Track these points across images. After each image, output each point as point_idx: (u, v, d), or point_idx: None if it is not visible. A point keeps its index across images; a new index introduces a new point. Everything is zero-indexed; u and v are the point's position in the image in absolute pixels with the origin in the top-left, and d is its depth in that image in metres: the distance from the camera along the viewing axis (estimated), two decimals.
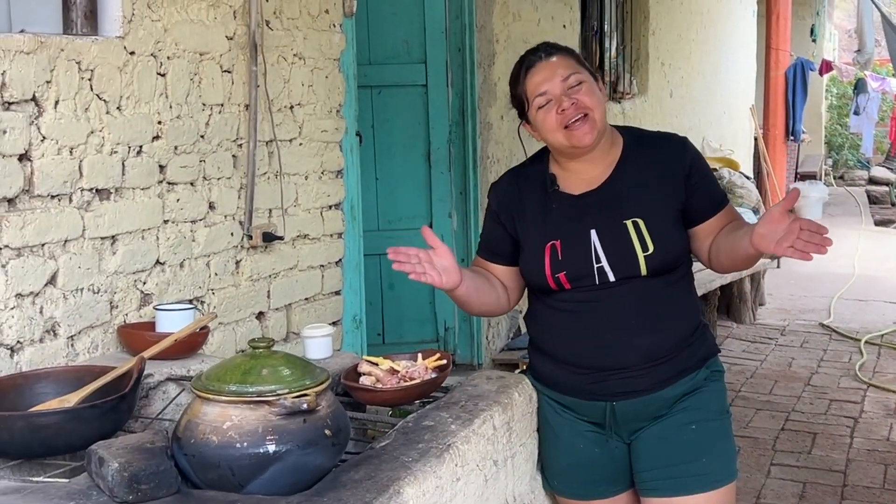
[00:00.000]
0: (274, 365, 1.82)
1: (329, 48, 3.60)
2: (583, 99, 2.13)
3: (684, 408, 2.22)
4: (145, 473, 1.70)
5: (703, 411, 2.22)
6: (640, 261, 2.14)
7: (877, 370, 6.07)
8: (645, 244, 2.14)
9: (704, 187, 2.21)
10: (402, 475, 1.78)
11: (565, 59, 2.17)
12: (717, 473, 2.21)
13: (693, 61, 9.25)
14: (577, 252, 2.17)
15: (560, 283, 2.19)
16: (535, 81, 2.16)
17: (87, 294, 2.60)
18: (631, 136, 2.28)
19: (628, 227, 2.15)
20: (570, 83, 2.14)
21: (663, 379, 2.19)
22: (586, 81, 2.15)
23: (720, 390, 2.29)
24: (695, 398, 2.22)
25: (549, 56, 2.17)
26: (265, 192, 3.29)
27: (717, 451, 2.22)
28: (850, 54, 16.98)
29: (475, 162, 5.03)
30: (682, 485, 2.19)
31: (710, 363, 2.27)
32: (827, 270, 9.43)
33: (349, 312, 3.82)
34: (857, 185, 15.97)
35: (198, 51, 2.97)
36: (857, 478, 4.28)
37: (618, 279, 2.15)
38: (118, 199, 2.70)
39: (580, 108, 2.12)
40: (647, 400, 2.20)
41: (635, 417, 2.23)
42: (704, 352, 2.26)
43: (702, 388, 2.24)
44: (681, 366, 2.21)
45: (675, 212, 2.19)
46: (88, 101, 2.59)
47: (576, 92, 2.13)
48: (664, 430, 2.22)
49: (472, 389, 2.27)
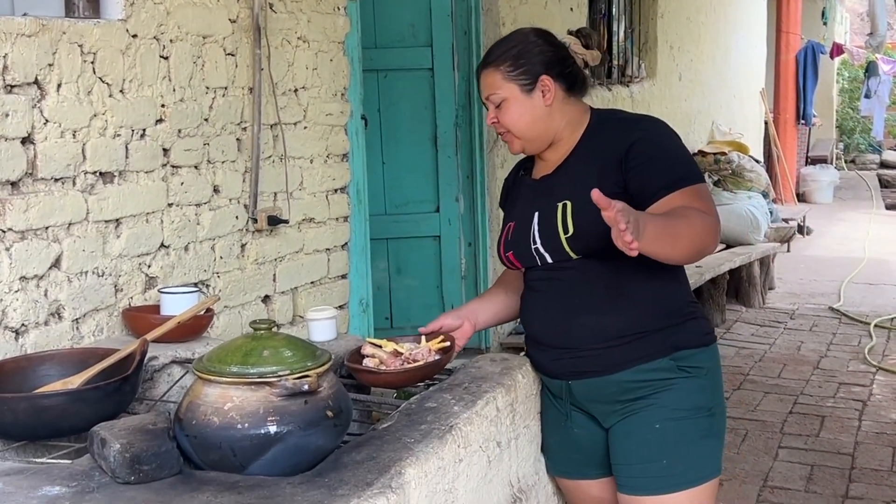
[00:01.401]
0: (275, 346, 1.82)
1: (333, 31, 3.59)
2: (503, 118, 2.18)
3: (650, 405, 2.14)
4: (147, 454, 1.70)
5: (669, 410, 2.13)
6: (562, 242, 2.12)
7: (886, 353, 6.05)
8: (566, 226, 2.10)
9: (643, 171, 2.07)
10: (403, 456, 1.77)
11: (491, 75, 2.18)
12: (681, 476, 2.13)
13: (702, 44, 9.20)
14: (522, 234, 2.22)
15: (511, 262, 2.26)
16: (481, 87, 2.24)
17: (91, 277, 2.61)
18: (599, 119, 2.24)
19: (558, 210, 2.13)
20: (492, 101, 2.19)
21: (616, 362, 2.14)
22: (508, 98, 2.16)
23: (698, 387, 2.16)
24: (664, 395, 2.14)
25: (482, 67, 2.21)
26: (270, 176, 3.29)
27: (681, 453, 2.14)
28: (861, 37, 16.86)
29: (482, 146, 5.01)
30: (644, 485, 2.16)
31: (681, 355, 2.15)
32: (837, 254, 9.41)
33: (355, 296, 3.82)
34: (869, 169, 15.90)
35: (201, 34, 2.96)
36: (865, 460, 4.27)
37: (554, 261, 2.16)
38: (122, 182, 2.70)
39: (502, 128, 2.20)
40: (601, 382, 2.16)
41: (592, 398, 2.20)
42: (674, 342, 2.15)
43: (672, 384, 2.14)
44: (639, 352, 2.13)
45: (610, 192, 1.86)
46: (91, 84, 2.59)
47: (499, 111, 2.18)
48: (629, 427, 2.17)
49: (476, 371, 2.27)
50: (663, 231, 1.89)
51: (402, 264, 5.13)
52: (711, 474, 2.17)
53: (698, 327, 2.21)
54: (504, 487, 2.15)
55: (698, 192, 2.07)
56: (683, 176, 2.08)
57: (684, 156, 2.15)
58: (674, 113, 8.37)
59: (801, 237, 10.17)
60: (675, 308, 2.18)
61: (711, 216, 2.03)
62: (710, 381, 2.19)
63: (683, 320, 2.18)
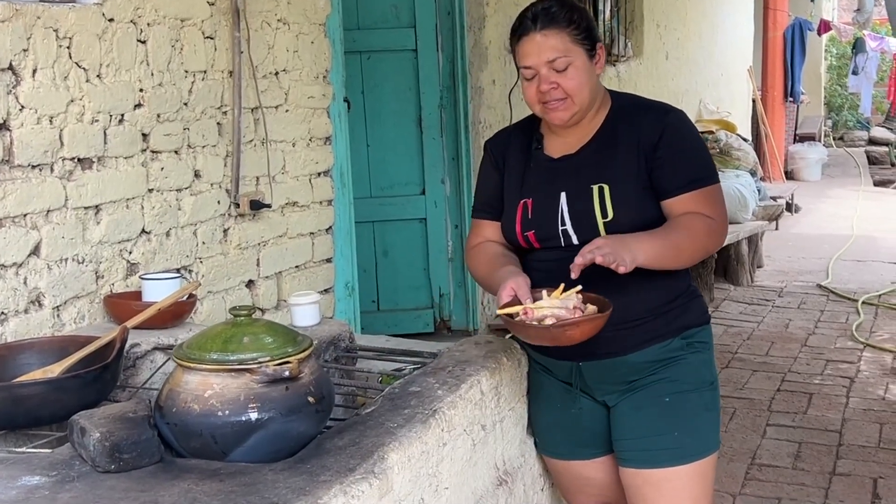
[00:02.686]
0: (255, 333, 1.80)
1: (314, 13, 3.56)
2: (566, 84, 2.09)
3: (660, 379, 2.18)
4: (127, 443, 1.69)
5: (679, 383, 2.18)
6: (599, 226, 2.11)
7: (873, 330, 6.07)
8: (605, 210, 2.10)
9: (671, 163, 2.11)
10: (386, 441, 1.77)
11: (557, 36, 2.08)
12: (690, 447, 2.18)
13: (689, 22, 9.17)
14: (546, 213, 2.16)
15: (529, 242, 2.20)
16: (523, 52, 2.11)
17: (71, 264, 2.58)
18: (620, 102, 2.23)
19: (593, 192, 2.12)
20: (555, 66, 2.09)
21: (630, 344, 2.16)
22: (575, 62, 2.09)
23: (702, 362, 2.23)
24: (672, 369, 2.18)
25: (543, 28, 2.08)
26: (252, 160, 3.27)
27: (691, 425, 2.18)
28: (849, 14, 16.86)
29: (467, 127, 4.99)
30: (653, 457, 2.17)
31: (690, 333, 2.21)
32: (826, 232, 9.43)
33: (341, 279, 3.80)
34: (857, 146, 15.91)
35: (179, 17, 2.93)
36: (853, 437, 4.28)
37: (582, 243, 2.10)
38: (101, 168, 2.67)
39: (560, 95, 2.10)
40: (613, 363, 2.17)
41: (602, 379, 2.21)
42: (684, 321, 2.21)
43: (679, 359, 2.19)
44: (651, 333, 2.16)
45: (643, 181, 2.12)
46: (67, 69, 2.55)
47: (561, 75, 2.09)
48: (638, 401, 2.19)
49: (460, 354, 2.27)
50: (662, 250, 2.03)
51: (388, 247, 5.12)
52: (715, 446, 2.23)
53: (701, 305, 2.29)
54: (489, 470, 2.15)
55: (712, 195, 2.14)
56: (704, 175, 2.15)
57: (706, 153, 2.21)
58: (661, 92, 8.35)
59: (790, 215, 10.18)
60: (682, 289, 2.22)
61: (718, 220, 2.12)
62: (710, 355, 2.27)
63: (687, 299, 2.23)
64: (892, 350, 5.59)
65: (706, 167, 2.18)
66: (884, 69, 15.59)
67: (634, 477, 2.20)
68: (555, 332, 1.95)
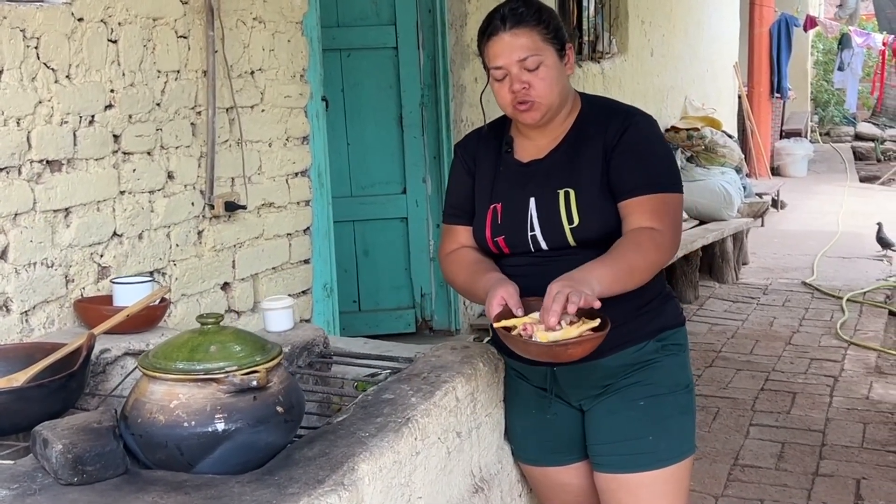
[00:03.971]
0: (223, 341, 1.77)
1: (290, 11, 3.51)
2: (537, 83, 2.06)
3: (634, 382, 2.16)
4: (90, 455, 1.66)
5: (653, 386, 2.16)
6: (566, 232, 2.09)
7: (858, 328, 6.07)
8: (571, 216, 2.08)
9: (627, 164, 2.07)
10: (357, 451, 1.74)
11: (526, 35, 2.05)
12: (665, 451, 2.15)
13: (674, 18, 9.15)
14: (515, 218, 2.14)
15: (499, 247, 2.17)
16: (493, 53, 2.08)
17: (40, 268, 2.54)
18: (590, 105, 2.19)
19: (559, 197, 2.09)
20: (526, 65, 2.06)
21: (605, 347, 2.05)
22: (545, 61, 2.07)
23: (677, 364, 2.20)
24: (646, 372, 2.16)
25: (512, 27, 2.05)
26: (227, 161, 3.22)
27: (665, 429, 2.15)
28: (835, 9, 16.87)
29: (448, 125, 4.96)
30: (627, 462, 2.15)
31: (664, 335, 2.19)
32: (811, 228, 9.44)
33: (319, 281, 3.76)
34: (844, 142, 15.96)
35: (150, 16, 2.89)
36: (836, 437, 4.27)
37: (550, 248, 2.11)
38: (70, 170, 2.63)
39: (530, 96, 2.07)
40: (587, 367, 2.13)
41: (577, 384, 2.18)
42: (658, 323, 2.18)
43: (654, 362, 2.16)
44: (625, 336, 2.12)
45: (607, 185, 2.09)
46: (35, 70, 2.51)
47: (533, 75, 2.06)
48: (613, 405, 2.17)
49: (436, 360, 2.23)
50: (616, 275, 1.97)
51: (369, 246, 5.08)
52: (690, 450, 2.20)
53: (675, 307, 2.26)
54: (465, 478, 2.11)
55: (668, 203, 2.07)
56: (663, 182, 2.08)
57: (668, 159, 2.14)
58: (646, 89, 8.33)
59: (775, 211, 10.20)
60: (657, 291, 2.19)
61: (668, 233, 2.05)
62: (686, 357, 2.23)
63: (661, 302, 2.20)
64: (876, 348, 5.59)
65: (668, 175, 2.11)
66: (870, 65, 15.63)
67: (609, 482, 2.18)
68: (557, 350, 1.90)
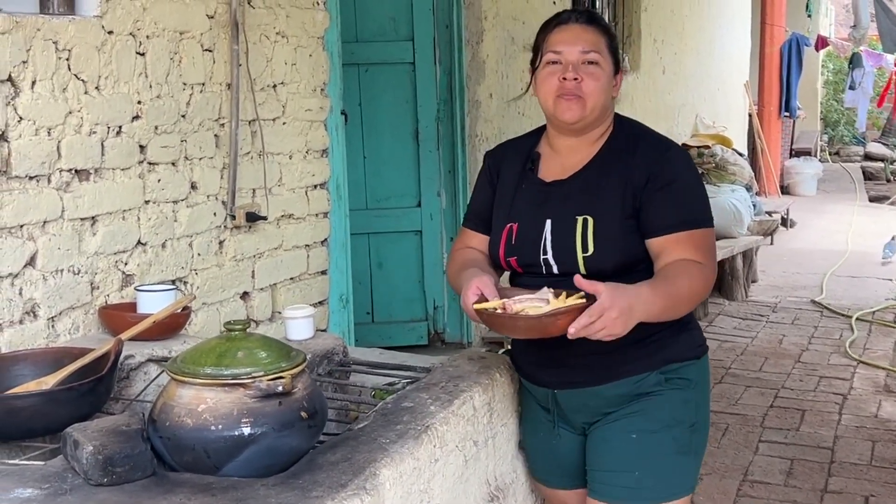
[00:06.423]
0: (249, 347, 1.81)
1: (312, 26, 3.57)
2: (587, 82, 2.05)
3: (631, 413, 2.09)
4: (120, 456, 1.70)
5: (650, 421, 2.07)
6: (579, 260, 2.03)
7: (867, 347, 6.08)
8: (586, 245, 2.02)
9: (662, 200, 2.01)
10: (378, 457, 1.77)
11: (595, 35, 2.08)
12: (650, 490, 2.07)
13: (686, 37, 9.20)
14: (529, 240, 2.10)
15: (512, 267, 2.16)
16: (557, 38, 2.08)
17: (67, 275, 2.59)
18: (623, 130, 2.15)
19: (577, 224, 2.03)
20: (586, 58, 2.05)
21: (603, 375, 2.07)
22: (601, 66, 2.07)
23: (682, 400, 2.09)
24: (644, 404, 2.08)
25: (584, 23, 2.09)
26: (248, 172, 3.28)
27: (655, 467, 2.07)
28: (846, 29, 16.91)
29: (463, 140, 5.01)
30: (613, 492, 2.10)
31: (670, 368, 2.09)
32: (821, 247, 9.45)
33: (335, 292, 3.81)
34: (853, 161, 15.97)
35: (178, 30, 2.94)
36: (845, 454, 4.29)
37: (562, 273, 2.05)
38: (98, 179, 2.68)
39: (578, 90, 2.05)
40: (587, 393, 2.11)
41: (578, 409, 2.15)
42: (666, 355, 2.08)
43: (655, 395, 2.08)
44: (626, 365, 2.06)
45: (629, 217, 2.03)
46: (66, 81, 2.57)
47: (585, 70, 2.05)
48: (607, 433, 2.11)
49: (454, 370, 2.27)
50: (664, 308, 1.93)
51: (383, 259, 5.13)
52: (683, 492, 2.11)
53: (691, 339, 2.15)
54: (481, 486, 2.15)
55: (704, 239, 2.03)
56: (697, 218, 2.04)
57: (703, 196, 2.09)
58: (657, 106, 8.38)
59: (785, 230, 10.21)
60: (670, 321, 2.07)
61: (709, 267, 2.02)
62: (696, 394, 2.12)
63: (678, 332, 2.10)
64: (885, 367, 5.61)
65: (701, 210, 2.06)
66: (880, 85, 15.66)
67: None
68: (545, 321, 1.85)
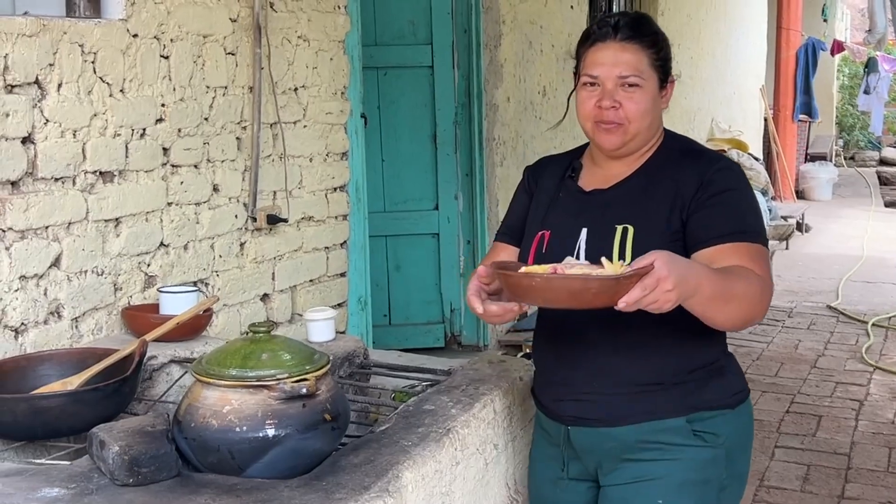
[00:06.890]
0: (274, 349, 1.82)
1: (334, 30, 3.59)
2: (629, 106, 1.88)
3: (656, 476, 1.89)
4: (146, 457, 1.71)
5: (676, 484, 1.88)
6: None
7: (883, 353, 6.06)
8: (624, 253, 1.69)
9: (708, 211, 1.84)
10: (401, 459, 1.78)
11: (636, 53, 1.88)
12: None
13: (702, 42, 9.20)
14: (562, 248, 1.92)
15: None
16: (594, 60, 1.90)
17: (90, 276, 2.61)
18: (671, 143, 2.00)
19: (616, 232, 1.72)
20: (626, 81, 1.88)
21: (622, 414, 1.89)
22: (645, 87, 1.89)
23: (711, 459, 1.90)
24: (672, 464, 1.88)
25: (623, 39, 1.88)
26: (269, 175, 3.30)
27: None
28: (862, 33, 16.83)
29: (481, 144, 5.02)
30: None
31: (699, 416, 1.89)
32: (836, 252, 9.41)
33: (354, 294, 3.83)
34: (868, 167, 15.90)
35: (201, 33, 2.97)
36: (861, 461, 4.28)
37: None
38: (122, 181, 2.70)
39: (618, 117, 1.89)
40: (602, 434, 1.92)
41: (593, 450, 1.95)
42: (694, 400, 1.88)
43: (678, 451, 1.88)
44: (650, 406, 1.88)
45: (672, 231, 1.86)
46: (91, 83, 2.59)
47: (627, 96, 1.88)
48: (628, 495, 1.92)
49: (474, 373, 2.28)
50: (720, 290, 1.70)
51: (400, 261, 5.14)
52: None
53: (727, 385, 1.95)
54: (501, 489, 2.15)
55: (760, 253, 1.83)
56: (748, 231, 1.85)
57: (757, 210, 1.91)
58: (674, 110, 8.37)
59: (800, 235, 10.17)
60: (703, 361, 1.91)
61: (766, 281, 1.80)
62: (728, 450, 1.92)
63: (709, 375, 1.91)
64: None
65: (755, 224, 1.87)
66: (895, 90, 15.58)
67: None
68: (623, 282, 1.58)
